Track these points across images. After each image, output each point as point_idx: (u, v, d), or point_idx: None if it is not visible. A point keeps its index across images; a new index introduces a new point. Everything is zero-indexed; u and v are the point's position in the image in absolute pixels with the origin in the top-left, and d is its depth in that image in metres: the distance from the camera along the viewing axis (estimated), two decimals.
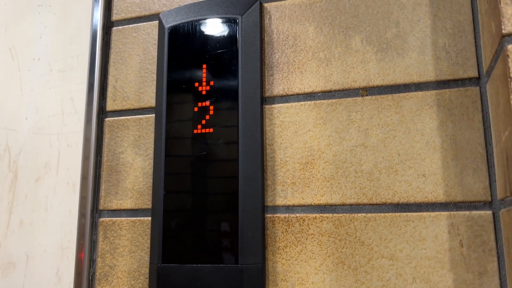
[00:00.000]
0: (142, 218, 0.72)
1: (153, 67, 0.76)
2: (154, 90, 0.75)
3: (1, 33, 0.94)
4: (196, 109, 0.68)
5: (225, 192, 0.65)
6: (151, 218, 0.68)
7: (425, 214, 0.59)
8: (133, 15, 0.80)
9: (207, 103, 0.68)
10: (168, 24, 0.73)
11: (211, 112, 0.67)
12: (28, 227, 0.82)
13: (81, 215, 0.74)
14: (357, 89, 0.65)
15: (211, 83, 0.68)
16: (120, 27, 0.81)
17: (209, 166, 0.66)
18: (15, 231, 0.83)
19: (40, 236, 0.81)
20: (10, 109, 0.89)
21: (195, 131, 0.68)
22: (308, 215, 0.64)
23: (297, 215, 0.64)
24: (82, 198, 0.75)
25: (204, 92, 0.68)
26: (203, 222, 0.65)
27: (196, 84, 0.69)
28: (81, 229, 0.74)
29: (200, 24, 0.71)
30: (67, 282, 0.77)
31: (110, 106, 0.78)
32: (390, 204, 0.61)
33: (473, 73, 0.60)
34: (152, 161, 0.73)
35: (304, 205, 0.64)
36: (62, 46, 0.88)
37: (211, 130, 0.67)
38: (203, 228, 0.65)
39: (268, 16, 0.71)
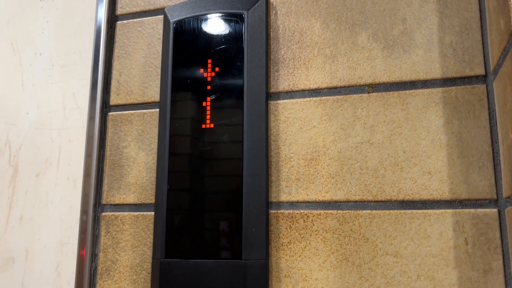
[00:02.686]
0: (145, 212, 0.72)
1: (158, 62, 0.76)
2: (158, 85, 0.75)
3: (3, 28, 0.93)
4: (200, 104, 0.68)
5: (229, 188, 0.65)
6: (154, 213, 0.68)
7: (430, 211, 0.59)
8: (138, 9, 0.80)
9: (212, 98, 0.67)
10: (174, 18, 0.72)
11: (216, 108, 0.67)
12: (28, 222, 0.82)
13: (83, 209, 0.74)
14: (363, 85, 0.65)
15: (216, 78, 0.68)
16: (124, 21, 0.80)
17: (213, 162, 0.66)
18: (15, 226, 0.82)
19: (40, 232, 0.80)
20: (11, 104, 0.88)
21: (199, 126, 0.67)
22: (313, 211, 0.63)
23: (301, 211, 0.64)
24: (85, 192, 0.74)
25: (209, 87, 0.68)
26: (207, 217, 0.65)
27: (201, 79, 0.68)
28: (83, 223, 0.73)
29: (205, 19, 0.70)
30: (66, 278, 0.77)
31: (113, 100, 0.78)
32: (395, 201, 0.61)
33: (480, 70, 0.60)
34: (155, 155, 0.72)
35: (308, 202, 0.64)
36: (64, 41, 0.88)
37: (215, 125, 0.67)
38: (206, 223, 0.65)
39: (274, 12, 0.71)
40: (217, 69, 0.68)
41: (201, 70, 0.69)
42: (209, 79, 0.68)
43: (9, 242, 0.82)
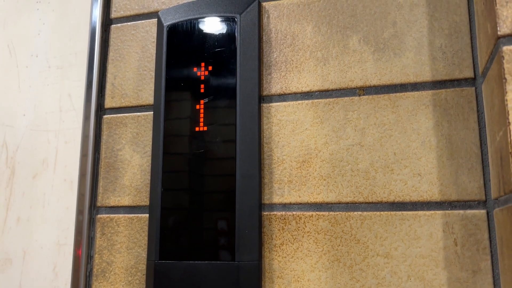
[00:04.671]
0: (139, 215, 0.72)
1: (152, 65, 0.77)
2: (152, 88, 0.75)
3: None
4: (194, 107, 0.68)
5: (222, 190, 0.65)
6: (149, 215, 0.68)
7: (420, 213, 0.60)
8: (132, 12, 0.80)
9: (205, 101, 0.68)
10: (167, 22, 0.73)
11: (209, 110, 0.68)
12: (25, 223, 0.82)
13: (79, 211, 0.75)
14: (354, 88, 0.66)
15: (209, 81, 0.69)
16: (119, 24, 0.81)
17: (207, 164, 0.67)
18: (12, 227, 0.83)
19: (37, 233, 0.81)
20: (8, 106, 0.89)
21: (192, 129, 0.68)
22: (305, 213, 0.64)
23: (294, 213, 0.65)
24: (80, 195, 0.75)
25: (202, 90, 0.69)
26: (201, 219, 0.65)
27: (194, 83, 0.69)
28: (78, 225, 0.74)
29: (199, 23, 0.71)
30: (63, 278, 0.78)
31: (108, 103, 0.78)
32: (385, 202, 0.61)
33: (469, 73, 0.61)
34: (149, 158, 0.73)
35: (300, 203, 0.65)
36: (60, 43, 0.88)
37: (209, 128, 0.67)
38: (200, 225, 0.65)
39: (266, 15, 0.72)
40: (210, 72, 0.69)
41: (195, 73, 0.69)
42: (202, 82, 0.69)
43: (6, 243, 0.83)
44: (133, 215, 0.73)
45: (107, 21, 0.82)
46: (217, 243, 0.64)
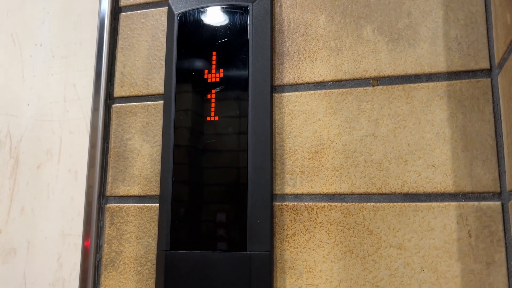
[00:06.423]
0: (149, 204, 0.72)
1: (162, 54, 0.76)
2: (163, 77, 0.75)
3: (2, 18, 0.93)
4: (205, 96, 0.68)
5: (234, 180, 0.65)
6: (159, 205, 0.68)
7: (434, 204, 0.59)
8: (142, 0, 0.79)
9: (217, 90, 0.67)
10: (178, 10, 0.72)
11: (220, 100, 0.67)
12: (29, 213, 0.82)
13: (88, 201, 0.74)
14: (368, 79, 0.65)
15: (221, 70, 0.68)
16: (128, 12, 0.80)
17: (218, 154, 0.66)
18: (16, 218, 0.82)
19: (41, 223, 0.81)
20: (12, 95, 0.88)
21: (203, 119, 0.67)
22: (317, 203, 0.64)
23: (306, 203, 0.64)
24: (89, 184, 0.74)
25: (213, 80, 0.68)
26: (212, 209, 0.65)
27: (206, 72, 0.68)
28: (87, 215, 0.74)
29: (210, 11, 0.70)
30: (68, 268, 0.77)
31: (117, 92, 0.78)
32: (399, 194, 0.61)
33: (485, 64, 0.61)
34: (159, 148, 0.72)
35: (312, 194, 0.64)
36: (65, 32, 0.87)
37: (220, 118, 0.67)
38: (212, 215, 0.65)
39: (279, 4, 0.71)
40: (221, 61, 0.68)
41: (206, 62, 0.69)
42: (213, 71, 0.68)
43: (10, 233, 0.82)
44: (143, 204, 0.72)
45: (116, 9, 0.81)
46: (229, 234, 0.64)
